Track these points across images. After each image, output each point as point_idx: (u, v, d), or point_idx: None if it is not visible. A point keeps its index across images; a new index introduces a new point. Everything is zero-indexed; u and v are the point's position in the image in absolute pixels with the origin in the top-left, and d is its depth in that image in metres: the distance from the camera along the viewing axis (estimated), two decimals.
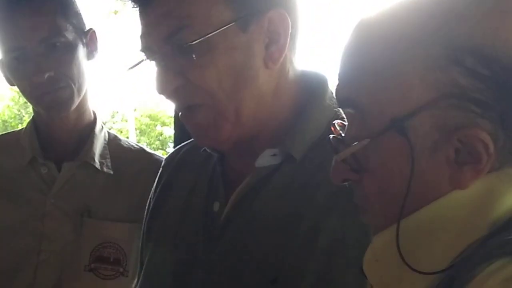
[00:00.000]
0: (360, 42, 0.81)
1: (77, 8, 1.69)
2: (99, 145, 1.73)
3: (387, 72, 0.77)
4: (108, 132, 1.80)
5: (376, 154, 0.79)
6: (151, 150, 1.83)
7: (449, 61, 0.74)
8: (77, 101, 1.66)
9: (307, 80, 1.19)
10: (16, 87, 1.70)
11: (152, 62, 1.13)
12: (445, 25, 0.75)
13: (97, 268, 1.64)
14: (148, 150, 1.80)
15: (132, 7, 1.11)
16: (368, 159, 0.80)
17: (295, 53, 1.16)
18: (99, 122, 1.77)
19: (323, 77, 1.19)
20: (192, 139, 1.30)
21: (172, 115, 2.46)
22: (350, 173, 0.82)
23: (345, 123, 0.84)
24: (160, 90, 1.12)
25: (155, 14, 1.08)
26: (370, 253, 0.83)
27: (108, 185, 1.70)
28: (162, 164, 1.39)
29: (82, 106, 1.71)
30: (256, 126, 1.14)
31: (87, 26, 1.71)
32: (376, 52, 0.79)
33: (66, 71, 1.61)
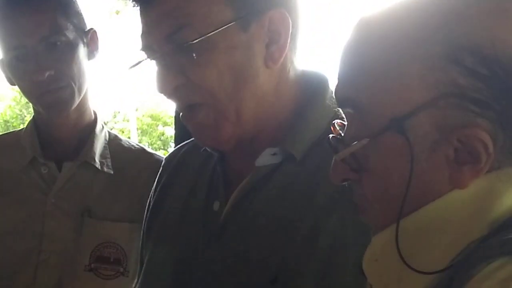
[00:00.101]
0: (360, 42, 0.81)
1: (78, 8, 1.69)
2: (100, 145, 1.73)
3: (387, 72, 0.77)
4: (109, 132, 1.80)
5: (376, 154, 0.79)
6: (152, 150, 1.83)
7: (449, 61, 0.74)
8: (78, 101, 1.66)
9: (308, 80, 1.19)
10: (18, 87, 1.70)
11: (153, 62, 1.13)
12: (445, 25, 0.75)
13: (97, 268, 1.64)
14: (149, 150, 1.80)
15: (133, 6, 1.12)
16: (368, 159, 0.80)
17: (296, 53, 1.16)
18: (100, 122, 1.77)
19: (324, 77, 1.19)
20: (193, 139, 1.30)
21: (174, 115, 2.46)
22: (350, 173, 0.82)
23: (345, 123, 0.84)
24: (161, 89, 1.12)
25: (156, 13, 1.08)
26: (370, 253, 0.83)
27: (109, 185, 1.70)
28: (162, 164, 1.39)
29: (83, 106, 1.71)
30: (257, 126, 1.14)
31: (89, 26, 1.71)
32: (376, 52, 0.78)
33: (67, 70, 1.61)
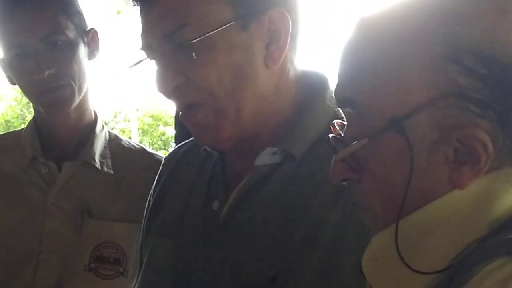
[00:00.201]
0: (360, 42, 0.81)
1: (79, 7, 1.69)
2: (100, 145, 1.73)
3: (387, 72, 0.77)
4: (109, 132, 1.80)
5: (375, 154, 0.79)
6: (152, 150, 1.83)
7: (448, 61, 0.74)
8: (78, 100, 1.66)
9: (308, 80, 1.19)
10: (18, 87, 1.70)
11: (153, 61, 1.13)
12: (445, 25, 0.75)
13: (97, 268, 1.64)
14: (149, 150, 1.80)
15: (133, 6, 1.11)
16: (367, 159, 0.79)
17: (296, 53, 1.16)
18: (100, 122, 1.77)
19: (324, 77, 1.19)
20: (192, 138, 1.30)
21: (174, 115, 2.45)
22: (349, 173, 0.82)
23: (345, 123, 0.84)
24: (160, 89, 1.12)
25: (156, 12, 1.08)
26: (369, 253, 0.83)
27: (109, 185, 1.70)
28: (162, 163, 1.39)
29: (83, 106, 1.71)
30: (257, 125, 1.14)
31: (89, 26, 1.71)
32: (376, 52, 0.78)
33: (67, 70, 1.61)
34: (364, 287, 0.88)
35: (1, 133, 1.92)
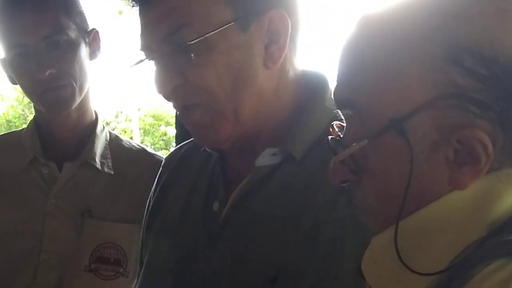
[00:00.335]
0: (359, 42, 0.81)
1: (81, 8, 1.69)
2: (100, 145, 1.73)
3: (386, 72, 0.77)
4: (110, 132, 1.80)
5: (375, 155, 0.79)
6: (152, 151, 1.83)
7: (448, 61, 0.74)
8: (78, 100, 1.66)
9: (308, 80, 1.18)
10: (19, 87, 1.70)
11: (152, 62, 1.13)
12: (444, 25, 0.74)
13: (97, 269, 1.64)
14: (149, 151, 1.80)
15: (132, 6, 1.11)
16: (367, 160, 0.79)
17: (296, 54, 1.16)
18: (101, 122, 1.77)
19: (324, 77, 1.19)
20: (193, 139, 1.30)
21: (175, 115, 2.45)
22: (349, 174, 0.82)
23: (344, 125, 0.84)
24: (159, 90, 1.12)
25: (155, 13, 1.08)
26: (369, 255, 0.83)
27: (109, 186, 1.70)
28: (162, 163, 1.39)
29: (84, 106, 1.71)
30: (256, 126, 1.14)
31: (91, 26, 1.71)
32: (376, 52, 0.78)
33: (68, 69, 1.62)
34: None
35: (2, 133, 1.92)
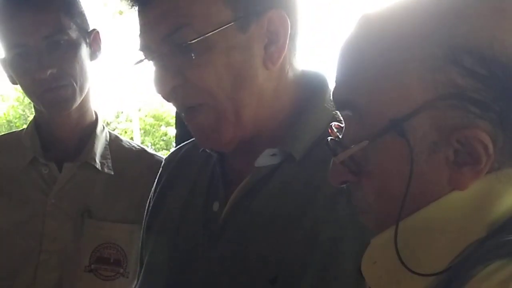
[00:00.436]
0: (359, 42, 0.81)
1: (81, 8, 1.69)
2: (100, 146, 1.73)
3: (386, 72, 0.77)
4: (109, 133, 1.80)
5: (375, 156, 0.78)
6: (152, 151, 1.83)
7: (448, 61, 0.73)
8: (79, 100, 1.66)
9: (307, 80, 1.18)
10: (20, 86, 1.70)
11: (151, 62, 1.12)
12: (444, 25, 0.74)
13: (97, 269, 1.64)
14: (149, 151, 1.80)
15: (131, 7, 1.11)
16: (367, 161, 0.79)
17: (295, 54, 1.16)
18: (101, 123, 1.77)
19: (323, 77, 1.19)
20: (193, 139, 1.30)
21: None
22: (349, 175, 0.81)
23: (342, 125, 0.84)
24: (158, 90, 1.11)
25: (155, 13, 1.08)
26: (368, 255, 0.83)
27: (109, 186, 1.70)
28: (162, 164, 1.39)
29: (84, 106, 1.71)
30: (256, 126, 1.13)
31: (92, 27, 1.71)
32: (375, 53, 0.78)
33: (68, 69, 1.62)
34: None
35: (2, 134, 1.92)
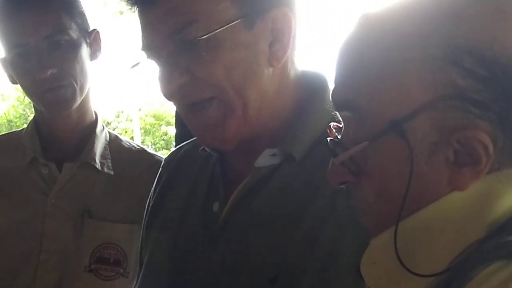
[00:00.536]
0: (359, 42, 0.81)
1: (82, 8, 1.69)
2: (100, 146, 1.73)
3: (386, 73, 0.77)
4: (109, 133, 1.80)
5: (375, 157, 0.78)
6: (152, 151, 1.83)
7: (448, 62, 0.73)
8: (79, 100, 1.66)
9: (308, 80, 1.18)
10: (20, 86, 1.70)
11: (152, 62, 1.12)
12: (444, 26, 0.74)
13: (97, 269, 1.64)
14: (149, 151, 1.80)
15: (130, 8, 1.11)
16: (367, 162, 0.79)
17: (296, 53, 1.16)
18: (100, 123, 1.77)
19: (323, 77, 1.19)
20: (193, 139, 1.30)
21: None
22: (348, 176, 0.81)
23: (341, 126, 0.83)
24: (164, 88, 1.11)
25: (160, 11, 1.08)
26: (368, 256, 0.83)
27: (109, 186, 1.70)
28: (162, 164, 1.39)
29: (84, 106, 1.71)
30: (259, 125, 1.13)
31: (92, 27, 1.71)
32: (374, 53, 0.78)
33: (69, 69, 1.62)
34: None
35: (2, 133, 1.92)
